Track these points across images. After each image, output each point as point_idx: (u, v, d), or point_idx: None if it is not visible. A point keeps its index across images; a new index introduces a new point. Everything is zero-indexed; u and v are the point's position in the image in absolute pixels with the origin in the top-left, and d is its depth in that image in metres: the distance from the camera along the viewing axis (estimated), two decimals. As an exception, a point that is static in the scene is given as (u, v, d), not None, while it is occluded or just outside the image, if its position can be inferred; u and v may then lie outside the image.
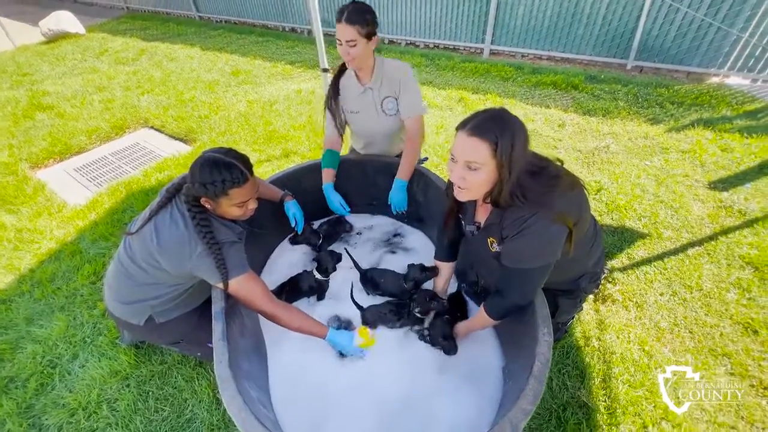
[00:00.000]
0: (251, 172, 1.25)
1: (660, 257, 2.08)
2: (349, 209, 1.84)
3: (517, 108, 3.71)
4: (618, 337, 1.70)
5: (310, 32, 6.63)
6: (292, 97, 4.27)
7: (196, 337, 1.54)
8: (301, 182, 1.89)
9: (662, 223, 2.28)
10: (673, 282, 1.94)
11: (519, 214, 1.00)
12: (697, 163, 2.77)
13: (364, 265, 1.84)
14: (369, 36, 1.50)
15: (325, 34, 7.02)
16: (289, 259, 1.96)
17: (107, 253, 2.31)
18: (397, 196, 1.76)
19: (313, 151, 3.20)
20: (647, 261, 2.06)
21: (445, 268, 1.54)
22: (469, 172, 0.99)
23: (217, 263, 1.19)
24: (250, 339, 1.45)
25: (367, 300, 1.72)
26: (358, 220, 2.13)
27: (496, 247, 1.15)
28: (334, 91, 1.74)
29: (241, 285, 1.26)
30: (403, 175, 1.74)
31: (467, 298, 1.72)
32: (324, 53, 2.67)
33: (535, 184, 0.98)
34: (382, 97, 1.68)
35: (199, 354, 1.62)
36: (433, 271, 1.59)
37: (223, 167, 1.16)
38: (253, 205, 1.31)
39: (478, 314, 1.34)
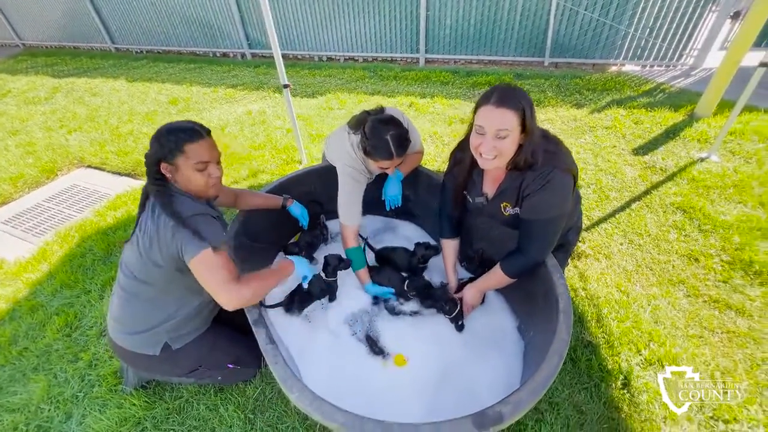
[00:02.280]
0: (208, 133, 1.26)
1: (612, 215, 2.42)
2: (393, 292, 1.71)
3: (464, 107, 4.04)
4: (598, 284, 1.96)
5: (243, 56, 6.54)
6: (243, 119, 4.19)
7: (215, 360, 1.48)
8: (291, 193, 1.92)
9: (606, 187, 2.66)
10: (628, 233, 2.28)
11: (539, 171, 1.17)
12: (619, 136, 3.27)
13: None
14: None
15: (261, 56, 6.89)
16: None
17: (76, 302, 2.08)
18: (393, 188, 1.77)
19: (280, 167, 3.18)
20: (604, 219, 2.39)
21: (452, 244, 1.66)
22: (499, 140, 1.13)
23: (192, 233, 1.13)
24: (281, 346, 1.44)
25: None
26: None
27: (509, 211, 1.30)
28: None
29: (208, 258, 1.15)
30: (400, 170, 1.77)
31: None
32: (283, 71, 2.73)
33: (549, 144, 1.17)
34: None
35: (219, 378, 1.55)
36: (436, 250, 1.72)
37: (179, 127, 1.21)
38: (216, 172, 1.26)
39: (493, 273, 1.43)
